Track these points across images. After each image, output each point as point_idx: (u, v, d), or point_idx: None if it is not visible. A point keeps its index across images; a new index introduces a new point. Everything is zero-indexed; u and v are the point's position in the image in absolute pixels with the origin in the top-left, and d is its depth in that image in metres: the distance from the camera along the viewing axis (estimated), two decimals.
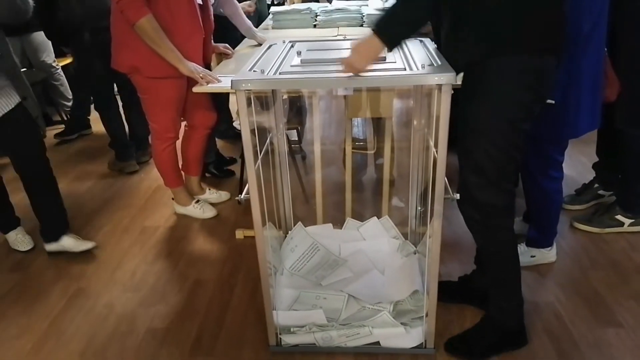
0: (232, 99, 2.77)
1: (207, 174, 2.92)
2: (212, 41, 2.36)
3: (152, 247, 2.27)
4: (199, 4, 2.13)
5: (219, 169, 2.95)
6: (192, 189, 2.56)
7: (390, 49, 1.31)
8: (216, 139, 2.98)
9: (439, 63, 1.34)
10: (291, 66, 1.44)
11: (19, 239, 2.28)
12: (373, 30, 1.29)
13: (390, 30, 1.30)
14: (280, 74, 1.36)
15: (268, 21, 3.42)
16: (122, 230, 2.44)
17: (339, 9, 3.25)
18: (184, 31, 2.07)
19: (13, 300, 1.96)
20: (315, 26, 3.21)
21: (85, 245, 2.21)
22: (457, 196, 1.40)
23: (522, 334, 1.63)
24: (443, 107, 1.25)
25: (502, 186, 1.43)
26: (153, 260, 2.16)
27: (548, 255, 2.02)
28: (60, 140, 3.62)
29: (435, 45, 1.58)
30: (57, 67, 3.74)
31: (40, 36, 3.56)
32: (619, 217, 2.21)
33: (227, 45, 2.50)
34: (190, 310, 1.86)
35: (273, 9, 3.38)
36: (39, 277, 2.10)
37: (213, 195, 2.63)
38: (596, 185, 2.42)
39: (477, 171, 1.41)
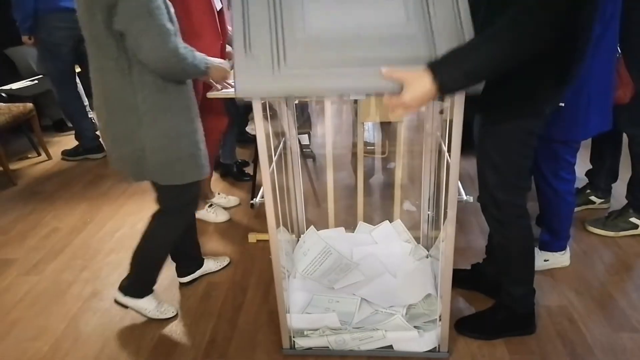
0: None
1: (224, 177, 2.95)
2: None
3: None
4: (217, 10, 2.16)
5: (241, 172, 2.97)
6: (203, 192, 2.59)
7: (443, 94, 1.15)
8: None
9: None
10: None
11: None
12: (429, 66, 1.12)
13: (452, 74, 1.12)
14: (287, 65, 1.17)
15: None
16: (136, 233, 2.45)
17: None
18: (202, 36, 2.10)
19: (30, 302, 1.99)
20: None
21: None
22: (471, 198, 1.41)
23: (531, 320, 1.69)
24: (456, 111, 1.25)
25: (520, 184, 1.49)
26: (167, 263, 2.18)
27: (561, 259, 2.01)
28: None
29: None
30: None
31: None
32: (633, 219, 2.19)
33: None
34: (203, 312, 1.88)
35: None
36: (55, 279, 2.13)
37: (222, 200, 2.65)
38: (588, 190, 2.43)
39: (495, 171, 1.46)
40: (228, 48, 2.44)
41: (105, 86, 1.50)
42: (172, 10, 1.50)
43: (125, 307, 1.84)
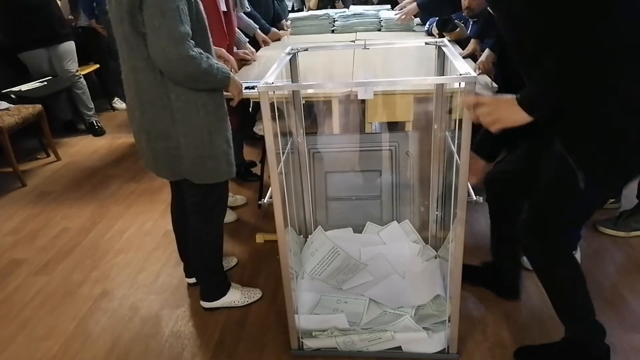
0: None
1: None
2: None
3: (174, 250, 2.29)
4: (223, 11, 2.17)
5: (248, 172, 2.97)
6: None
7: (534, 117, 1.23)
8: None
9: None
10: None
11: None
12: (517, 99, 1.21)
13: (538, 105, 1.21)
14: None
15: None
16: (145, 233, 2.48)
17: (356, 14, 3.27)
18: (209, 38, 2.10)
19: (40, 302, 2.01)
20: (333, 31, 3.23)
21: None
22: (480, 199, 1.39)
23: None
24: (466, 110, 1.24)
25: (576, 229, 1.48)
26: (176, 263, 2.19)
27: None
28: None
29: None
30: (79, 75, 3.83)
31: (67, 45, 3.66)
32: None
33: (246, 51, 2.53)
34: (212, 312, 1.88)
35: (291, 15, 3.41)
36: (64, 279, 2.15)
37: (229, 199, 2.65)
38: None
39: (560, 215, 1.37)
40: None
41: (139, 85, 1.51)
42: (201, 8, 1.50)
43: (218, 309, 1.89)
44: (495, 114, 1.23)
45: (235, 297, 1.89)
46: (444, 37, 2.60)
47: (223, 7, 2.17)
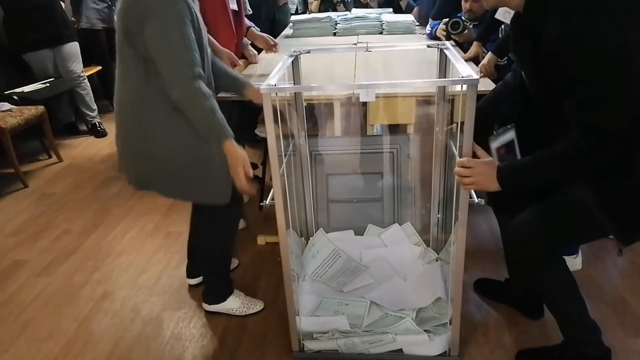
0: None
1: None
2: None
3: (176, 252, 2.31)
4: (234, 10, 2.18)
5: None
6: None
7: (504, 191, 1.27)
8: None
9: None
10: None
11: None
12: (498, 168, 1.26)
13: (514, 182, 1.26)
14: None
15: (288, 29, 3.46)
16: (146, 235, 2.48)
17: (358, 17, 3.28)
18: (217, 36, 2.11)
19: (42, 304, 2.01)
20: (335, 34, 3.24)
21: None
22: (482, 201, 1.39)
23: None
24: (468, 112, 1.25)
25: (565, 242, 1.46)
26: (177, 265, 2.20)
27: (573, 262, 1.99)
28: None
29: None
30: (83, 76, 3.84)
31: (71, 47, 3.67)
32: None
33: (250, 53, 2.53)
34: (213, 314, 1.88)
35: (294, 17, 3.42)
36: (66, 281, 2.15)
37: None
38: None
39: (556, 227, 1.36)
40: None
41: (121, 95, 1.51)
42: (199, 17, 1.48)
43: (218, 313, 1.87)
44: (473, 178, 1.28)
45: (234, 304, 1.86)
46: (451, 39, 2.59)
47: (234, 6, 2.18)
